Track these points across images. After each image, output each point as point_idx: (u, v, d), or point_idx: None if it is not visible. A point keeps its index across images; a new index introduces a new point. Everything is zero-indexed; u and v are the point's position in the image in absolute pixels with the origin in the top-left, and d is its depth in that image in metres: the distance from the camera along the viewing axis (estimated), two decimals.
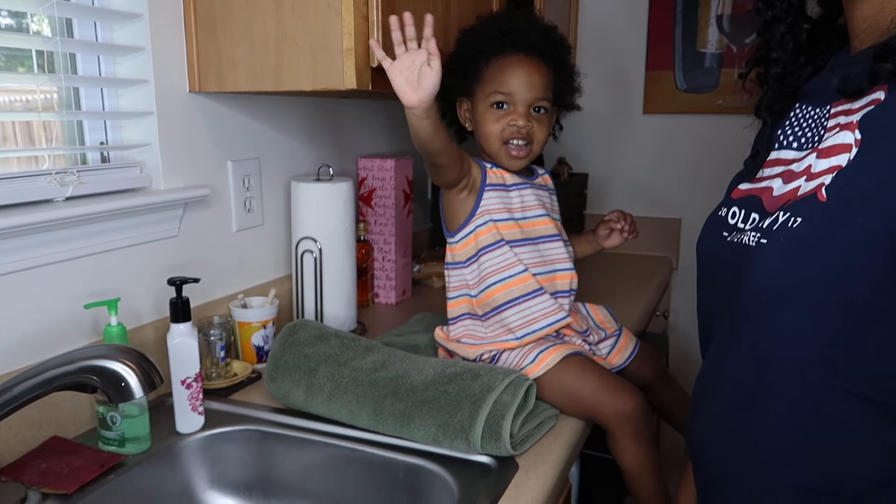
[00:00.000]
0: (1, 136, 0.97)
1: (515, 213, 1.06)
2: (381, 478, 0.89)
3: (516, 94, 1.01)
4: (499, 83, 1.02)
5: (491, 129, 1.03)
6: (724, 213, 0.74)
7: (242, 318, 1.13)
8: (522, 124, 1.02)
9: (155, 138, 1.03)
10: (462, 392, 0.88)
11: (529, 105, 1.02)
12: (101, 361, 0.67)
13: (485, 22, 1.09)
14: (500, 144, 1.04)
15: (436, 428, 0.86)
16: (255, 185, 1.25)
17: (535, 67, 1.03)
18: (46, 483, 0.79)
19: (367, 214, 1.52)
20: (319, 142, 1.44)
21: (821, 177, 0.61)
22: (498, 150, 1.04)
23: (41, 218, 0.85)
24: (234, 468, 0.95)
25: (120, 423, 0.86)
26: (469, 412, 0.85)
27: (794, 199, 0.63)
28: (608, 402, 0.94)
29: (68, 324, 0.93)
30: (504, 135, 1.03)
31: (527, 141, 1.03)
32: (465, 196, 1.04)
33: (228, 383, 1.07)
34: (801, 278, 0.59)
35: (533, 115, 1.03)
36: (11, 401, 0.67)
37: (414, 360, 0.97)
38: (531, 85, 1.02)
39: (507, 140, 1.03)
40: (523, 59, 1.03)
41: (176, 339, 0.91)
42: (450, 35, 1.13)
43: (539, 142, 1.05)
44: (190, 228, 1.11)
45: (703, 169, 2.00)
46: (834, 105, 0.67)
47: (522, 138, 1.03)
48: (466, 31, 1.08)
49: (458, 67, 1.05)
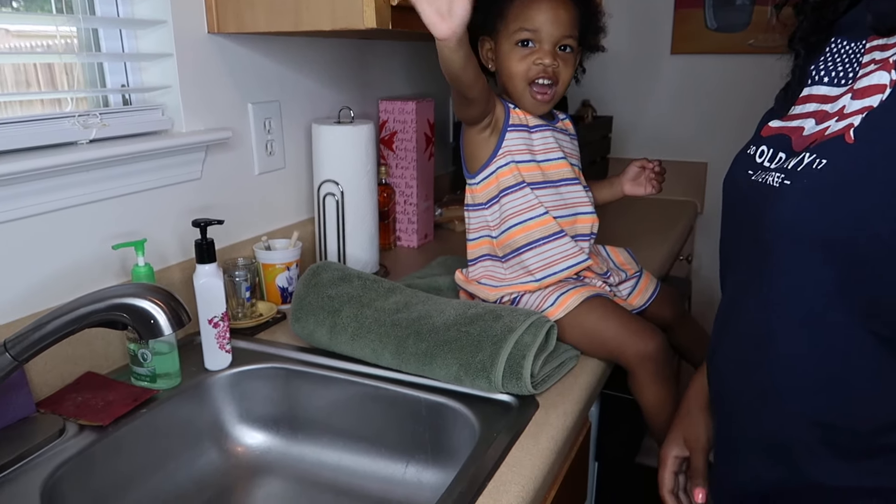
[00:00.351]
0: (24, 81, 0.97)
1: (537, 156, 1.04)
2: (403, 414, 0.91)
3: (542, 31, 0.99)
4: (524, 20, 0.99)
5: (516, 68, 1.01)
6: (752, 152, 0.72)
7: (266, 259, 1.15)
8: (549, 63, 0.99)
9: (175, 80, 1.03)
10: (483, 332, 0.89)
11: (555, 43, 0.99)
12: (130, 299, 0.69)
13: None
14: (525, 85, 1.01)
15: (457, 367, 0.88)
16: (276, 127, 1.25)
17: (561, 3, 0.99)
18: (83, 415, 0.82)
19: (388, 158, 1.51)
20: (340, 84, 1.42)
21: (851, 117, 0.59)
22: (523, 91, 1.02)
23: (67, 160, 0.86)
24: (261, 404, 0.98)
25: (150, 360, 0.89)
26: (490, 352, 0.86)
27: (822, 139, 0.61)
28: (629, 342, 0.95)
29: (97, 264, 0.95)
30: (529, 74, 1.00)
31: (552, 81, 1.01)
32: (487, 135, 1.03)
33: (254, 323, 1.09)
34: (822, 221, 0.58)
35: (559, 53, 1.01)
36: (46, 336, 0.69)
37: (436, 302, 0.98)
38: (558, 21, 0.99)
39: (532, 80, 1.01)
40: (561, 6, 0.99)
41: (202, 280, 0.93)
42: None
43: (564, 82, 1.03)
44: (213, 171, 1.12)
45: (732, 111, 1.95)
46: (870, 40, 0.64)
47: (548, 77, 1.00)
48: None
49: (481, 4, 1.02)
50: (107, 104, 1.03)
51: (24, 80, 0.97)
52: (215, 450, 0.94)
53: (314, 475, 0.94)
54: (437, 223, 1.67)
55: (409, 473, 0.91)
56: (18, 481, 0.72)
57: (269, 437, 0.98)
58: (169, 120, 1.04)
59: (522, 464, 0.75)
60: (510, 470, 0.74)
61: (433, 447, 0.90)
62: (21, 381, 0.81)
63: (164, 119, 1.04)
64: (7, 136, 0.83)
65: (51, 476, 0.73)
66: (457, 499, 0.69)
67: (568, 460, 0.91)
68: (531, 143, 1.04)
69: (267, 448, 0.97)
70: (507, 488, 0.71)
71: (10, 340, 0.69)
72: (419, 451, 0.91)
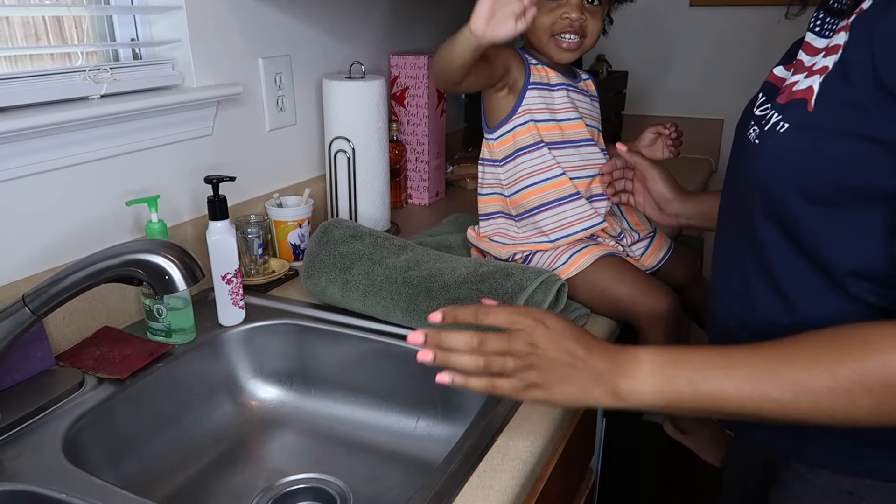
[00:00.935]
0: (34, 34, 0.96)
1: (558, 115, 1.03)
2: (414, 370, 0.92)
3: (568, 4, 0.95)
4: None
5: (541, 21, 0.97)
6: (755, 98, 0.71)
7: (278, 216, 1.15)
8: (576, 17, 0.96)
9: (185, 34, 1.02)
10: (494, 291, 0.89)
11: (584, 2, 0.96)
12: (144, 255, 0.69)
13: None
14: (549, 37, 0.99)
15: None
16: (287, 83, 1.23)
17: None
18: (101, 369, 0.84)
19: (399, 114, 1.50)
20: (351, 38, 1.40)
21: (815, 76, 0.60)
22: (547, 42, 0.99)
23: (79, 115, 0.85)
24: (274, 359, 1.00)
25: (166, 315, 0.90)
26: None
27: (790, 96, 0.62)
28: (641, 301, 0.95)
29: (111, 220, 0.95)
30: (555, 28, 0.97)
31: (580, 35, 0.98)
32: (504, 95, 1.01)
33: (267, 279, 1.10)
34: (781, 184, 0.61)
35: (587, 6, 0.97)
36: (63, 291, 0.70)
37: (447, 260, 0.98)
38: None
39: (557, 33, 0.98)
40: None
41: (215, 236, 0.94)
42: None
43: (592, 35, 0.99)
44: (224, 127, 1.11)
45: (752, 66, 1.90)
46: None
47: (575, 32, 0.98)
48: None
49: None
50: (117, 59, 1.03)
51: (33, 33, 0.96)
52: (230, 403, 0.96)
53: (327, 429, 0.96)
54: (449, 181, 1.66)
55: (419, 428, 0.93)
56: (41, 431, 0.74)
57: (282, 392, 1.00)
58: (179, 75, 1.03)
59: (531, 420, 0.76)
60: (519, 426, 0.75)
61: (443, 403, 0.92)
62: (40, 335, 0.82)
63: (174, 74, 1.03)
64: (18, 91, 0.83)
65: (72, 427, 0.75)
66: (466, 453, 0.70)
67: (576, 416, 0.93)
68: (552, 102, 1.02)
69: (280, 402, 0.99)
70: (515, 443, 0.72)
71: (29, 295, 0.71)
72: (430, 406, 0.93)
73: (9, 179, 0.82)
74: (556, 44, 0.99)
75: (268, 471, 0.89)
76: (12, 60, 0.91)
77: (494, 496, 0.65)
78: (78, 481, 0.67)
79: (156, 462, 0.84)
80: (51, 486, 0.66)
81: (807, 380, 0.54)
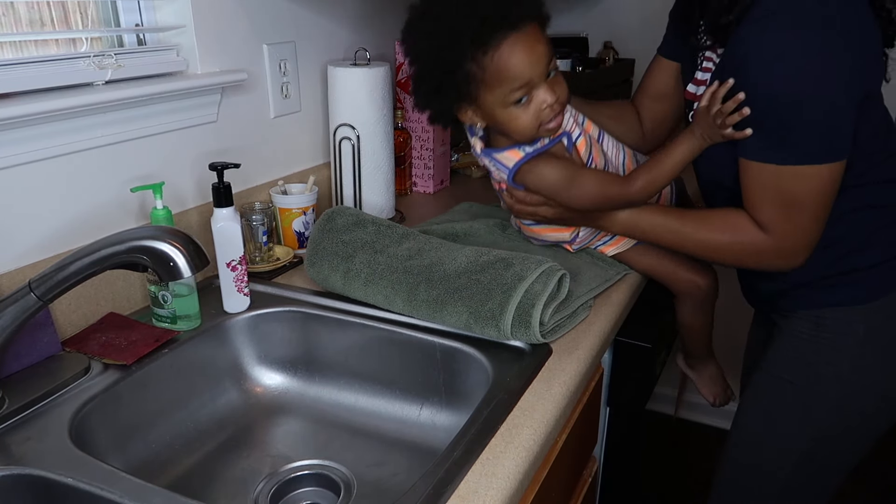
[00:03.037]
0: (38, 20, 0.96)
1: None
2: (418, 358, 0.93)
3: (534, 79, 0.87)
4: (509, 79, 0.86)
5: (525, 124, 0.90)
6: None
7: (283, 204, 1.15)
8: (553, 100, 0.89)
9: (189, 20, 1.01)
10: (494, 281, 0.89)
11: (546, 76, 0.89)
12: (149, 242, 0.70)
13: (439, 12, 0.87)
14: (537, 128, 0.92)
15: (467, 315, 0.88)
16: (292, 69, 1.23)
17: (534, 36, 0.86)
18: (107, 354, 0.85)
19: (404, 101, 1.49)
20: (356, 24, 1.39)
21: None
22: (534, 134, 0.93)
23: (84, 101, 0.85)
24: (279, 346, 1.00)
25: (171, 302, 0.91)
26: (500, 301, 0.86)
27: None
28: (682, 275, 1.07)
29: (117, 206, 0.96)
30: (542, 119, 0.90)
31: (561, 107, 0.91)
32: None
33: (271, 267, 1.10)
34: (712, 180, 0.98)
35: (551, 80, 0.90)
36: (69, 277, 0.71)
37: (448, 248, 0.98)
38: (541, 58, 0.87)
39: (544, 122, 0.91)
40: (520, 36, 0.85)
41: (220, 223, 0.94)
42: None
43: (566, 99, 0.92)
44: (228, 114, 1.11)
45: None
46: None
47: (559, 110, 0.91)
48: (415, 33, 0.90)
49: (436, 83, 0.89)
50: (121, 44, 1.02)
51: (38, 18, 0.95)
52: (235, 390, 0.97)
53: (331, 415, 0.96)
54: (454, 169, 1.66)
55: (423, 415, 0.94)
56: (48, 416, 0.75)
57: (286, 378, 1.00)
58: (184, 61, 1.03)
59: (534, 408, 0.76)
60: (522, 413, 0.76)
61: (447, 390, 0.92)
62: (47, 321, 0.83)
63: (179, 60, 1.03)
64: (22, 77, 0.83)
65: (78, 412, 0.76)
66: (470, 440, 0.71)
67: (580, 405, 0.93)
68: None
69: (285, 389, 1.00)
70: (518, 431, 0.73)
71: (35, 280, 0.71)
72: (433, 393, 0.93)
73: (14, 166, 0.82)
74: (546, 128, 0.92)
75: (272, 457, 0.89)
76: (17, 46, 0.91)
77: (498, 483, 0.65)
78: (84, 466, 0.67)
79: (161, 448, 0.85)
80: (57, 471, 0.67)
81: (686, 230, 0.94)
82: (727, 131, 0.85)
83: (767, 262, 0.91)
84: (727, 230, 0.91)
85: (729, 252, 0.92)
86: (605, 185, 0.94)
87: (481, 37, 0.84)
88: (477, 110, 0.92)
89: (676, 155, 0.91)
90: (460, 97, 0.90)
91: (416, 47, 0.90)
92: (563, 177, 0.94)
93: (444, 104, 0.92)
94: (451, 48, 0.85)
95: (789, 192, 0.84)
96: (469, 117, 0.94)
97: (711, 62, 0.92)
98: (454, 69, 0.86)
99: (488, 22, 0.83)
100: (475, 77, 0.87)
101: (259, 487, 0.84)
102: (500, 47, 0.84)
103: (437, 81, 0.89)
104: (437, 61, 0.87)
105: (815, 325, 0.98)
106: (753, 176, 0.86)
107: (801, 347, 1.00)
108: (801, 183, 0.83)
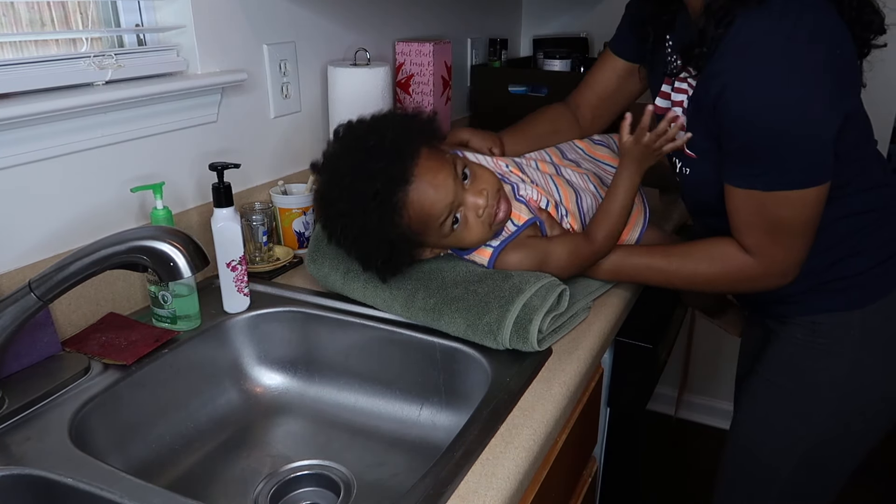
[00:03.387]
0: (39, 20, 0.96)
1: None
2: (418, 359, 0.93)
3: (453, 200, 0.88)
4: (434, 217, 0.87)
5: (476, 235, 0.92)
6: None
7: (283, 204, 1.15)
8: (484, 201, 0.90)
9: (189, 20, 1.01)
10: (491, 293, 0.88)
11: (462, 186, 0.90)
12: (149, 242, 0.70)
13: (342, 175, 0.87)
14: (489, 230, 0.93)
15: (465, 326, 0.88)
16: (292, 69, 1.23)
17: (427, 166, 0.86)
18: (107, 354, 0.85)
19: (404, 101, 1.49)
20: (356, 24, 1.39)
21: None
22: (490, 234, 0.94)
23: (84, 101, 0.85)
24: (279, 346, 1.00)
25: (171, 302, 0.91)
26: (497, 315, 0.85)
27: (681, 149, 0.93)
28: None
29: (117, 207, 0.96)
30: (487, 222, 0.91)
31: (496, 199, 0.92)
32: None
33: (271, 267, 1.10)
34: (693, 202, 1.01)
35: (471, 184, 0.91)
36: (69, 277, 0.71)
37: (449, 256, 0.98)
38: (446, 179, 0.87)
39: (490, 222, 0.92)
40: (416, 180, 0.85)
41: (220, 224, 0.94)
42: None
43: (496, 186, 0.93)
44: (229, 114, 1.11)
45: None
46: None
47: (495, 204, 0.92)
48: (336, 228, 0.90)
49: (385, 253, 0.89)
50: (121, 45, 1.02)
51: (38, 18, 0.95)
52: (235, 390, 0.97)
53: (331, 416, 0.96)
54: None
55: (423, 415, 0.94)
56: (48, 416, 0.75)
57: (286, 379, 1.00)
58: (184, 61, 1.03)
59: (534, 408, 0.76)
60: (522, 414, 0.76)
61: (447, 391, 0.92)
62: (47, 321, 0.83)
63: (179, 60, 1.03)
64: (23, 77, 0.83)
65: (78, 412, 0.76)
66: (470, 441, 0.71)
67: (580, 405, 0.93)
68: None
69: (285, 389, 1.00)
70: (518, 431, 0.73)
71: (35, 281, 0.71)
72: (433, 394, 0.93)
73: (14, 166, 0.82)
74: (498, 223, 0.94)
75: (272, 457, 0.89)
76: (17, 46, 0.91)
77: (498, 483, 0.65)
78: (84, 466, 0.67)
79: (161, 448, 0.85)
80: (57, 471, 0.67)
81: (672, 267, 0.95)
82: (667, 147, 0.90)
83: (760, 285, 0.91)
84: (715, 261, 0.91)
85: (719, 282, 0.94)
86: (576, 249, 0.96)
87: (385, 207, 0.84)
88: (432, 248, 0.95)
89: (620, 197, 0.94)
90: (412, 250, 0.91)
91: (346, 236, 0.90)
92: (536, 257, 0.95)
93: (403, 260, 0.91)
94: (371, 233, 0.86)
95: (775, 216, 0.84)
96: (430, 254, 0.96)
97: (685, 83, 0.90)
98: (388, 239, 0.87)
99: (380, 197, 0.84)
100: (408, 233, 0.88)
101: (259, 487, 0.84)
102: (406, 203, 0.85)
103: (385, 251, 0.89)
104: (368, 241, 0.88)
105: (810, 331, 0.97)
106: (739, 202, 0.86)
107: (796, 353, 1.00)
108: (787, 208, 0.83)
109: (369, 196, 0.84)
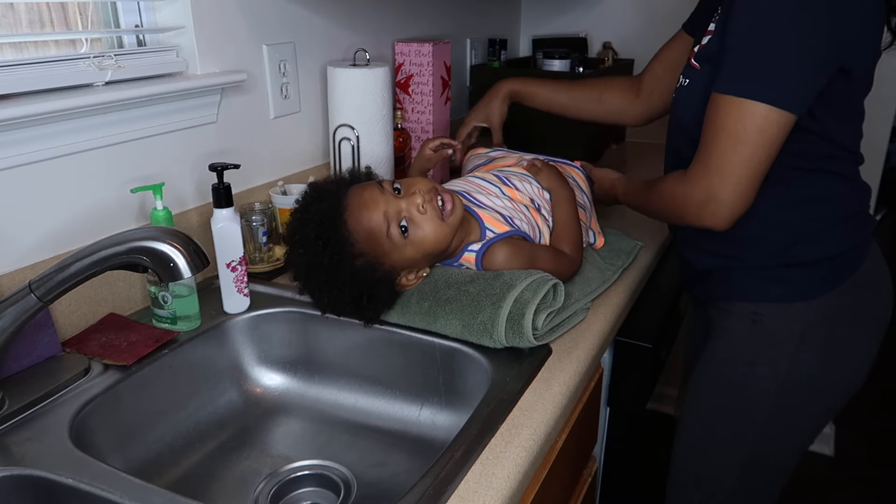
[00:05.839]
0: (38, 21, 0.96)
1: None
2: (418, 358, 0.93)
3: (387, 210, 0.89)
4: (378, 231, 0.88)
5: (433, 233, 0.91)
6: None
7: (283, 204, 1.15)
8: (420, 199, 0.90)
9: (189, 20, 1.01)
10: (483, 292, 0.88)
11: (394, 194, 0.91)
12: (149, 243, 0.70)
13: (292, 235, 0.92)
14: (442, 222, 0.91)
15: (461, 327, 0.88)
16: (291, 70, 1.23)
17: (363, 188, 0.91)
18: (107, 355, 0.85)
19: (404, 102, 1.50)
20: (355, 25, 1.40)
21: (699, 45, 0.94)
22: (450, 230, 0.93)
23: (84, 102, 0.85)
24: (278, 346, 1.00)
25: (171, 303, 0.91)
26: (490, 313, 0.86)
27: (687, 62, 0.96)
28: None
29: (117, 207, 0.96)
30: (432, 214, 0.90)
31: (442, 200, 0.92)
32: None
33: (271, 267, 1.10)
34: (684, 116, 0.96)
35: (398, 194, 0.91)
36: (69, 278, 0.71)
37: (438, 265, 0.98)
38: (378, 195, 0.90)
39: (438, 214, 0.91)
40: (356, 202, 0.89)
41: (220, 224, 0.94)
42: None
43: (428, 186, 0.92)
44: (228, 115, 1.11)
45: None
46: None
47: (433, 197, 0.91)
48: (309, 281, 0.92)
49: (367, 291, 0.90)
50: (121, 45, 1.02)
51: (37, 19, 0.96)
52: (235, 390, 0.97)
53: (331, 416, 0.96)
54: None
55: (423, 415, 0.94)
56: (48, 416, 0.75)
57: (286, 379, 1.00)
58: (184, 62, 1.03)
59: (534, 408, 0.77)
60: (522, 413, 0.76)
61: (447, 390, 0.92)
62: (47, 321, 0.83)
63: (178, 60, 1.03)
64: (22, 78, 0.83)
65: (78, 412, 0.76)
66: (470, 441, 0.71)
67: (580, 405, 0.93)
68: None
69: (285, 389, 1.00)
70: (518, 431, 0.73)
71: (35, 281, 0.71)
72: (433, 394, 0.93)
73: (14, 167, 0.82)
74: (451, 218, 0.93)
75: (272, 457, 0.89)
76: (17, 47, 0.91)
77: (498, 483, 0.65)
78: (84, 466, 0.68)
79: (161, 448, 0.85)
80: (57, 471, 0.67)
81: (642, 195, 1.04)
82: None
83: (693, 203, 0.88)
84: (666, 183, 0.94)
85: (668, 207, 0.95)
86: (557, 257, 1.00)
87: (332, 243, 0.88)
88: (407, 272, 0.93)
89: (565, 211, 1.06)
90: (390, 279, 0.91)
91: (320, 288, 0.91)
92: (524, 256, 0.97)
93: (389, 295, 0.92)
94: (334, 271, 0.88)
95: (723, 122, 0.83)
96: (413, 278, 0.94)
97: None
98: (351, 270, 0.88)
99: (323, 234, 0.88)
100: (370, 260, 0.89)
101: (259, 488, 0.84)
102: (348, 230, 0.88)
103: (367, 290, 0.89)
104: (338, 280, 0.89)
105: (751, 322, 0.97)
106: (707, 110, 0.86)
107: (739, 346, 0.99)
108: (737, 116, 0.81)
109: (314, 238, 0.88)
